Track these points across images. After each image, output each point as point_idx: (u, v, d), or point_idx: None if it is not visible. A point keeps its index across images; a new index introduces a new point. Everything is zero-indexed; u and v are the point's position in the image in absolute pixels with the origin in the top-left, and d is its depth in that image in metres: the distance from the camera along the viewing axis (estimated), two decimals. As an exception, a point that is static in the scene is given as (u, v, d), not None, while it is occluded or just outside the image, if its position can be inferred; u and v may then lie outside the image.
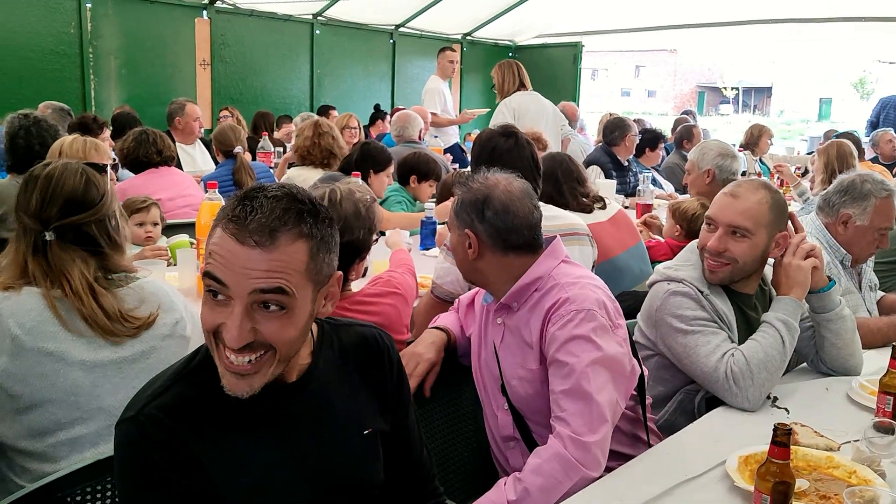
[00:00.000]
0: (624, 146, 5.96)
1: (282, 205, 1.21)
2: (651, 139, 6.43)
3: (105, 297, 1.75)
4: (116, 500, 1.50)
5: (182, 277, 2.83)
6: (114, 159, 3.84)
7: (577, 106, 9.18)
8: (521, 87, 5.94)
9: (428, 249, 3.77)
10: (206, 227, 2.80)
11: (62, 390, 1.67)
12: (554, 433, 1.73)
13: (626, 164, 6.03)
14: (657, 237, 4.04)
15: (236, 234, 1.18)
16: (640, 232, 3.79)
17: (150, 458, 1.24)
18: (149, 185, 3.85)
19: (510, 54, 12.06)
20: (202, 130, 5.87)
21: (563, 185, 3.26)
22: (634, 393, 1.99)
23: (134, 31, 8.13)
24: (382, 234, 3.09)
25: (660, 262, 2.62)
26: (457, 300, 2.30)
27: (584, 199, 3.28)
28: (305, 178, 4.85)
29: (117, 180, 4.06)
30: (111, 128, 5.11)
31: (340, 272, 1.33)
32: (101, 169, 1.89)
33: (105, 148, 3.21)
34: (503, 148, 2.71)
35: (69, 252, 1.76)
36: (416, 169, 4.46)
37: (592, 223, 3.10)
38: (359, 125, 6.93)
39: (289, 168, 5.27)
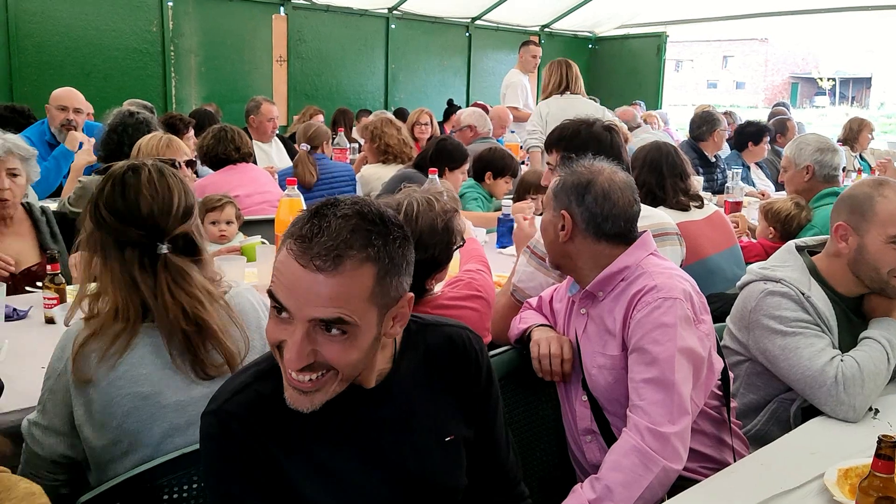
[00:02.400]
0: (712, 141, 5.78)
1: (350, 225, 1.19)
2: (755, 132, 6.04)
3: (212, 317, 1.64)
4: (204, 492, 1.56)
5: (261, 274, 2.91)
6: (193, 156, 3.96)
7: (659, 99, 9.00)
8: (566, 89, 5.81)
9: (504, 248, 3.77)
10: (284, 224, 2.90)
11: (158, 435, 1.62)
12: (630, 424, 1.73)
13: (714, 159, 5.87)
14: (750, 238, 3.93)
15: (299, 256, 1.18)
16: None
17: (231, 451, 1.29)
18: (227, 181, 3.98)
19: (590, 46, 11.94)
20: (277, 129, 5.99)
21: (666, 179, 3.20)
22: (719, 393, 1.97)
23: (213, 28, 8.41)
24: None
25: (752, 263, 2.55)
26: (537, 298, 2.29)
27: (682, 197, 3.22)
28: (380, 175, 4.95)
29: (196, 177, 4.20)
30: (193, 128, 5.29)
31: (412, 294, 1.31)
32: (176, 166, 1.86)
33: (178, 144, 3.30)
34: (616, 142, 2.73)
35: (183, 264, 1.64)
36: (491, 165, 4.47)
37: (686, 221, 3.05)
38: (431, 121, 6.97)
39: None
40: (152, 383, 1.60)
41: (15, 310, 2.52)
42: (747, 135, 6.07)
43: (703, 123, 5.78)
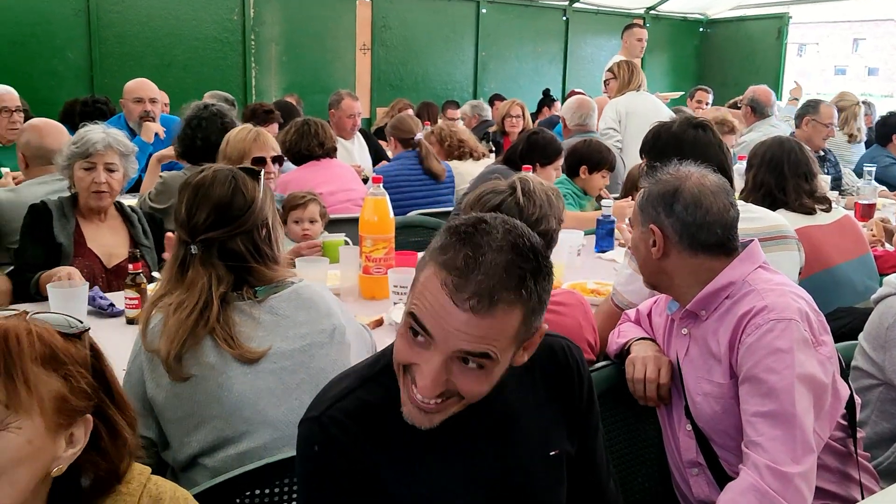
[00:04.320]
0: (813, 132, 5.42)
1: (504, 261, 1.22)
2: None
3: (225, 319, 1.81)
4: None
5: (344, 276, 2.96)
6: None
7: (779, 88, 8.68)
8: (640, 87, 5.88)
9: (604, 252, 3.72)
10: (369, 224, 2.94)
11: (229, 404, 1.76)
12: (747, 462, 1.67)
13: (823, 153, 5.52)
14: (887, 246, 3.74)
15: (453, 294, 1.20)
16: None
17: (331, 460, 1.33)
18: (311, 178, 4.06)
19: (700, 30, 11.65)
20: (358, 126, 6.03)
21: (787, 179, 3.10)
22: (844, 423, 1.89)
23: (295, 16, 8.64)
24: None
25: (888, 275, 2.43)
26: (634, 310, 2.26)
27: (806, 200, 3.10)
28: (461, 171, 5.00)
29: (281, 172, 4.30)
30: (281, 119, 5.43)
31: (546, 326, 1.35)
32: (255, 174, 1.95)
33: (266, 138, 3.39)
34: (701, 140, 2.64)
35: (207, 268, 1.82)
36: (586, 158, 4.41)
37: (810, 226, 2.95)
38: (523, 113, 6.94)
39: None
40: (216, 354, 1.79)
41: (112, 304, 2.67)
42: (890, 126, 5.81)
43: (803, 111, 5.54)
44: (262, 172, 1.99)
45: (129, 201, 3.36)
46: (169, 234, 2.08)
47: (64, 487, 1.19)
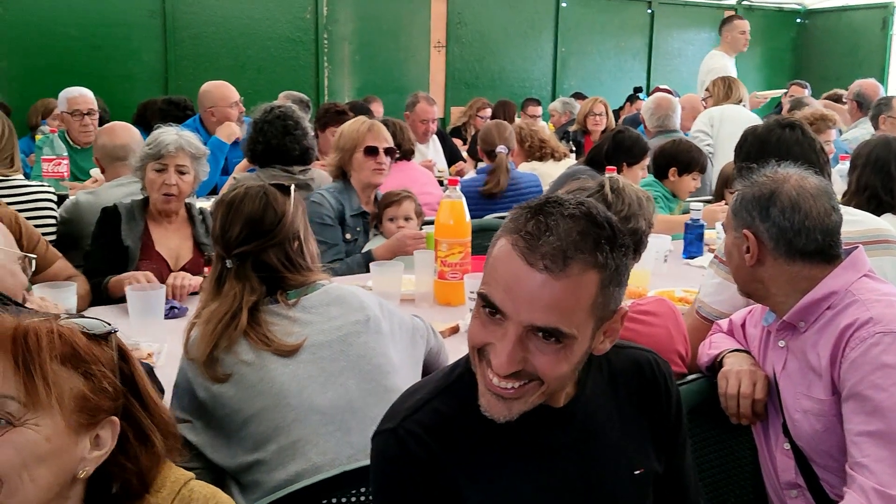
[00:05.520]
0: (892, 129, 5.21)
1: (579, 227, 1.22)
2: None
3: (258, 321, 1.93)
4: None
5: (419, 282, 2.99)
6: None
7: (885, 82, 8.36)
8: (739, 101, 5.79)
9: (693, 258, 3.66)
10: (445, 227, 2.96)
11: (273, 394, 1.86)
12: (853, 485, 1.63)
13: None
14: None
15: (526, 253, 1.21)
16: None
17: (408, 473, 1.33)
18: (388, 180, 4.10)
19: (797, 21, 11.34)
20: (432, 132, 6.05)
21: (895, 181, 3.00)
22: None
23: (369, 13, 8.78)
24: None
25: None
26: (727, 321, 2.22)
27: None
28: (541, 173, 4.97)
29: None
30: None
31: (626, 308, 1.33)
32: (286, 189, 2.07)
33: (378, 130, 3.51)
34: (787, 140, 2.58)
35: (241, 280, 1.95)
36: (676, 159, 4.34)
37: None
38: (605, 111, 6.88)
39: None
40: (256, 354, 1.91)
41: (173, 307, 2.76)
42: None
43: (878, 111, 5.32)
44: (293, 187, 2.09)
45: (205, 204, 3.45)
46: None
47: (98, 492, 1.23)
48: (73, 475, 1.18)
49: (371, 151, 3.47)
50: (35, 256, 2.19)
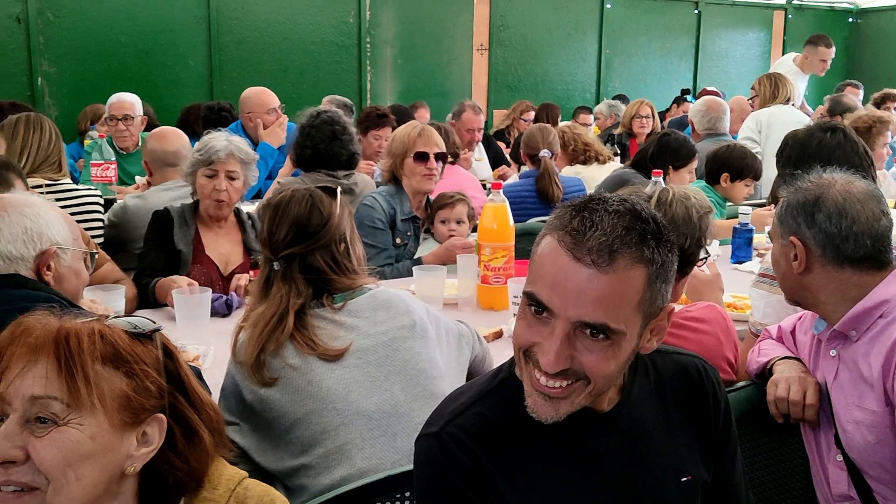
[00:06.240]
0: None
1: (624, 222, 1.24)
2: None
3: (304, 324, 1.96)
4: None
5: (462, 286, 3.00)
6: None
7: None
8: (787, 100, 5.67)
9: (741, 263, 3.61)
10: (488, 232, 2.96)
11: (319, 398, 1.88)
12: None
13: None
14: None
15: (573, 248, 1.22)
16: None
17: (451, 478, 1.34)
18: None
19: (850, 20, 11.15)
20: (477, 142, 6.04)
21: None
22: None
23: (412, 16, 8.82)
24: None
25: None
26: (776, 328, 2.18)
27: None
28: (592, 175, 4.93)
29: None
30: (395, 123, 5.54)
31: (672, 306, 1.34)
32: (333, 192, 2.10)
33: (429, 134, 3.54)
34: (829, 145, 2.54)
35: (287, 282, 1.98)
36: (728, 165, 4.29)
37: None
38: (652, 113, 6.82)
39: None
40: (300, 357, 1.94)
41: (227, 300, 2.83)
42: None
43: None
44: (339, 190, 2.11)
45: (249, 208, 3.50)
46: None
47: (153, 488, 1.26)
48: (121, 472, 1.21)
49: (421, 157, 3.49)
50: (96, 253, 2.23)
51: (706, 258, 2.18)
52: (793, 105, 5.77)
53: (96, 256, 2.89)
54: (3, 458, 1.14)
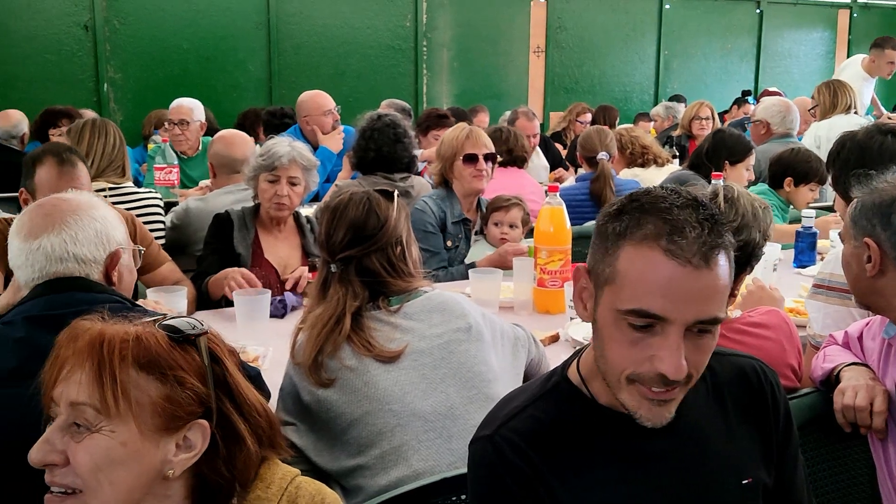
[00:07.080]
0: None
1: (695, 212, 1.25)
2: None
3: (360, 326, 1.98)
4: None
5: (518, 289, 2.99)
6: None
7: None
8: (848, 108, 5.44)
9: (804, 267, 3.54)
10: (545, 235, 2.95)
11: (376, 399, 1.90)
12: None
13: None
14: None
15: (676, 253, 1.22)
16: None
17: (504, 481, 1.34)
18: (496, 185, 4.10)
19: (919, 18, 10.82)
20: (532, 148, 6.04)
21: None
22: None
23: (468, 19, 8.85)
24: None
25: None
26: (842, 333, 2.14)
27: None
28: (650, 178, 4.88)
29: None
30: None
31: (736, 293, 1.34)
32: (390, 195, 2.11)
33: (477, 136, 3.55)
34: (890, 148, 2.50)
35: (344, 284, 2.01)
36: (792, 169, 4.19)
37: None
38: (711, 115, 6.72)
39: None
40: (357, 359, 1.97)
41: (281, 300, 2.88)
42: None
43: None
44: (396, 193, 2.12)
45: (307, 212, 3.55)
46: None
47: (207, 490, 1.27)
48: (160, 476, 1.22)
49: (470, 159, 3.50)
50: (143, 249, 2.27)
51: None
52: (855, 113, 5.60)
53: (155, 254, 2.98)
54: (43, 461, 1.17)
